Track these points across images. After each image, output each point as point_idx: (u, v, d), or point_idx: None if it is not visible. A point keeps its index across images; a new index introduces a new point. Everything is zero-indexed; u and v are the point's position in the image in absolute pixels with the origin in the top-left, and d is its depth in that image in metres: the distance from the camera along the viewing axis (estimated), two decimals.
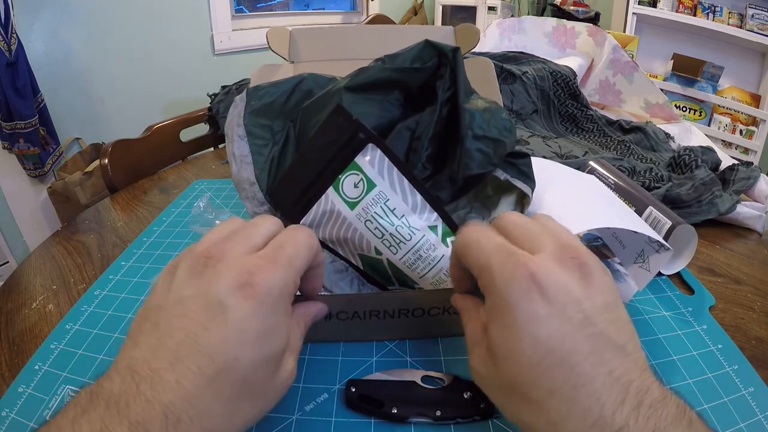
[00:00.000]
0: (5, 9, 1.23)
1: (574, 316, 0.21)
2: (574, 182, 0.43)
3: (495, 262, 0.22)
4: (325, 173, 0.30)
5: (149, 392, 0.18)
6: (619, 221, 0.35)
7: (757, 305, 0.39)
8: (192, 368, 0.19)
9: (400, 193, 0.30)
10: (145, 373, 0.19)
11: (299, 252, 0.24)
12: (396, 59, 0.35)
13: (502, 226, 0.25)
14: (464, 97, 0.33)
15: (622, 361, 0.20)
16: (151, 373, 0.19)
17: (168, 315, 0.21)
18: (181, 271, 0.23)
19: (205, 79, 1.67)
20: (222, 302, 0.21)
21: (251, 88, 0.37)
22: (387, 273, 0.32)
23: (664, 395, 0.20)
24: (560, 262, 0.22)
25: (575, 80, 0.80)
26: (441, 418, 0.28)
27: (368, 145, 0.29)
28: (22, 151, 1.37)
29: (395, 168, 0.30)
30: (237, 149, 0.35)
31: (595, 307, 0.21)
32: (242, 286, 0.21)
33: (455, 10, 2.41)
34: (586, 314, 0.21)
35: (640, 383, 0.20)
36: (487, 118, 0.33)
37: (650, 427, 0.19)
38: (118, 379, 0.19)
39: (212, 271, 0.22)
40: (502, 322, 0.21)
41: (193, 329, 0.20)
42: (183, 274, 0.23)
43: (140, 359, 0.20)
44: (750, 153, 1.83)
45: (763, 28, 1.74)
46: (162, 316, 0.21)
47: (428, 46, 0.35)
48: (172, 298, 0.22)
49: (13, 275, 0.47)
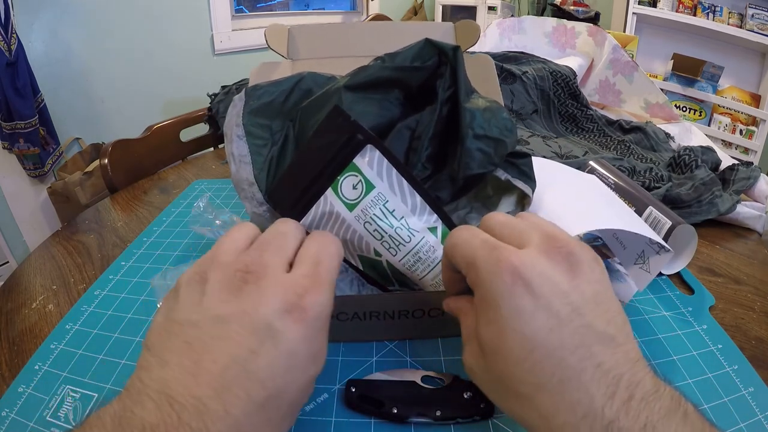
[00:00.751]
0: (5, 9, 1.23)
1: (562, 309, 0.20)
2: (574, 182, 0.43)
3: (480, 257, 0.22)
4: (323, 174, 0.29)
5: (194, 423, 0.17)
6: (620, 222, 0.35)
7: (757, 305, 0.39)
8: (240, 395, 0.18)
9: (399, 195, 0.30)
10: (185, 400, 0.18)
11: (334, 267, 0.24)
12: (396, 58, 0.35)
13: (489, 225, 0.25)
14: (465, 96, 0.33)
15: (611, 353, 0.20)
16: (195, 401, 0.18)
17: (204, 335, 0.20)
18: (214, 284, 0.21)
19: (205, 79, 1.67)
20: (270, 325, 0.20)
21: (250, 87, 0.36)
22: (387, 273, 0.32)
23: (657, 388, 0.20)
24: (546, 254, 0.22)
25: (575, 80, 0.80)
26: (441, 418, 0.28)
27: (367, 146, 0.29)
28: (22, 151, 1.37)
29: (394, 169, 0.30)
30: (236, 149, 0.35)
31: (584, 298, 0.21)
32: (291, 309, 0.20)
33: (455, 10, 2.41)
34: (573, 306, 0.21)
35: (630, 376, 0.20)
36: (487, 118, 0.32)
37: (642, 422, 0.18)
38: (151, 406, 0.17)
39: (254, 288, 0.21)
40: (488, 317, 0.21)
41: (240, 353, 0.19)
42: (217, 288, 0.21)
43: (175, 384, 0.18)
44: (750, 153, 1.83)
45: (763, 28, 1.74)
46: (196, 335, 0.20)
47: (428, 44, 0.35)
48: (207, 315, 0.20)
49: (13, 275, 0.47)
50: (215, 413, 0.18)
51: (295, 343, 0.20)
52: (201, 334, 0.20)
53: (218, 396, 0.18)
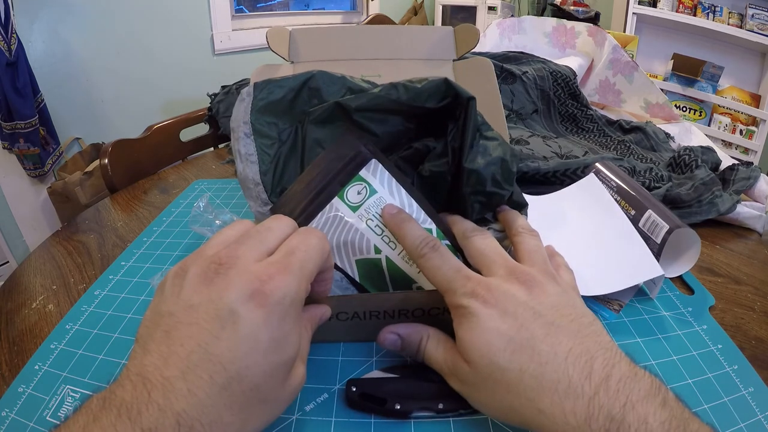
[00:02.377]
0: (5, 9, 1.23)
1: (524, 312, 0.25)
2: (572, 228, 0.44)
3: (457, 285, 0.27)
4: (331, 185, 0.32)
5: (161, 400, 0.18)
6: (608, 285, 0.36)
7: (757, 305, 0.39)
8: (203, 377, 0.19)
9: (397, 199, 0.32)
10: (156, 381, 0.19)
11: (311, 257, 0.24)
12: (409, 92, 0.34)
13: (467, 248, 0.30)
14: (468, 150, 0.32)
15: (580, 342, 0.24)
16: (163, 381, 0.19)
17: (178, 323, 0.21)
18: (191, 276, 0.22)
19: (205, 79, 1.67)
20: (233, 311, 0.20)
21: (260, 82, 0.36)
22: (384, 277, 0.32)
23: (634, 372, 0.22)
24: (508, 281, 0.27)
25: (575, 80, 0.80)
26: (444, 411, 0.28)
27: (372, 160, 0.32)
28: (22, 151, 1.37)
29: (394, 179, 0.33)
30: (243, 147, 0.35)
31: (542, 305, 0.25)
32: (253, 294, 0.21)
33: (455, 10, 2.41)
34: (534, 311, 0.25)
35: (604, 359, 0.23)
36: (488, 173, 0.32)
37: (622, 400, 0.21)
38: (129, 387, 0.19)
39: (223, 278, 0.22)
40: (468, 326, 0.25)
41: (204, 338, 0.20)
42: (193, 280, 0.22)
43: (151, 367, 0.20)
44: (750, 153, 1.83)
45: (763, 28, 1.74)
46: (173, 323, 0.21)
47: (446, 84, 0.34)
48: (182, 304, 0.21)
49: (13, 275, 0.47)
50: (179, 392, 0.19)
51: (255, 328, 0.21)
52: (176, 322, 0.21)
53: (183, 377, 0.19)
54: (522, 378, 0.23)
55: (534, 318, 0.25)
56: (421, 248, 0.29)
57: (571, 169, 0.54)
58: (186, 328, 0.20)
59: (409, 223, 0.30)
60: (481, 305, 0.25)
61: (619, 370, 0.22)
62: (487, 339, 0.24)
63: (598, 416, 0.21)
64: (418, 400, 0.28)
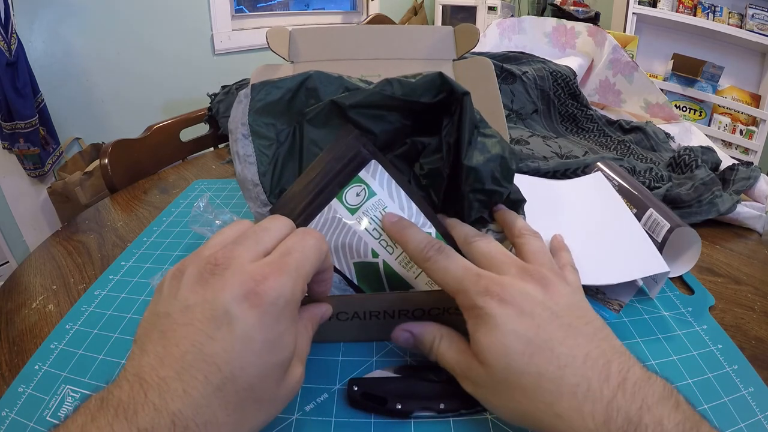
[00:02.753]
0: (5, 9, 1.23)
1: (542, 313, 0.24)
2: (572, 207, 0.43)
3: (469, 284, 0.26)
4: (330, 186, 0.32)
5: (157, 400, 0.19)
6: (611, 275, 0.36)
7: (757, 305, 0.39)
8: (198, 377, 0.19)
9: (397, 202, 0.32)
10: (152, 380, 0.19)
11: (307, 257, 0.24)
12: (404, 87, 0.34)
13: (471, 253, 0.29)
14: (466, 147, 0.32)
15: (596, 345, 0.23)
16: (159, 381, 0.19)
17: (174, 323, 0.21)
18: (188, 277, 0.23)
19: (205, 79, 1.67)
20: (228, 312, 0.21)
21: (257, 84, 0.36)
22: (382, 280, 0.32)
23: (648, 375, 0.22)
24: (522, 279, 0.26)
25: (575, 80, 0.80)
26: (445, 411, 0.28)
27: (371, 161, 0.32)
28: (22, 151, 1.37)
29: (394, 181, 0.32)
30: (241, 148, 0.35)
31: (558, 305, 0.25)
32: (247, 295, 0.21)
33: (455, 10, 2.40)
34: (551, 311, 0.25)
35: (619, 363, 0.23)
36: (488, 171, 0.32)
37: (638, 403, 0.21)
38: (126, 387, 0.19)
39: (218, 278, 0.22)
40: (485, 328, 0.25)
41: (199, 338, 0.20)
42: (189, 281, 0.22)
43: (148, 367, 0.20)
44: (750, 153, 1.83)
45: (763, 28, 1.74)
46: (169, 324, 0.21)
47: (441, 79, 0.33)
48: (178, 305, 0.22)
49: (13, 275, 0.47)
50: (175, 392, 0.19)
51: (249, 328, 0.21)
52: (172, 323, 0.21)
53: (179, 377, 0.19)
54: (540, 382, 0.23)
55: (551, 319, 0.24)
56: (426, 252, 0.28)
57: (571, 169, 0.54)
58: (181, 329, 0.21)
59: (410, 229, 0.30)
60: (497, 304, 0.24)
61: (634, 373, 0.22)
62: (505, 342, 0.24)
63: (617, 418, 0.21)
64: (419, 399, 0.28)
